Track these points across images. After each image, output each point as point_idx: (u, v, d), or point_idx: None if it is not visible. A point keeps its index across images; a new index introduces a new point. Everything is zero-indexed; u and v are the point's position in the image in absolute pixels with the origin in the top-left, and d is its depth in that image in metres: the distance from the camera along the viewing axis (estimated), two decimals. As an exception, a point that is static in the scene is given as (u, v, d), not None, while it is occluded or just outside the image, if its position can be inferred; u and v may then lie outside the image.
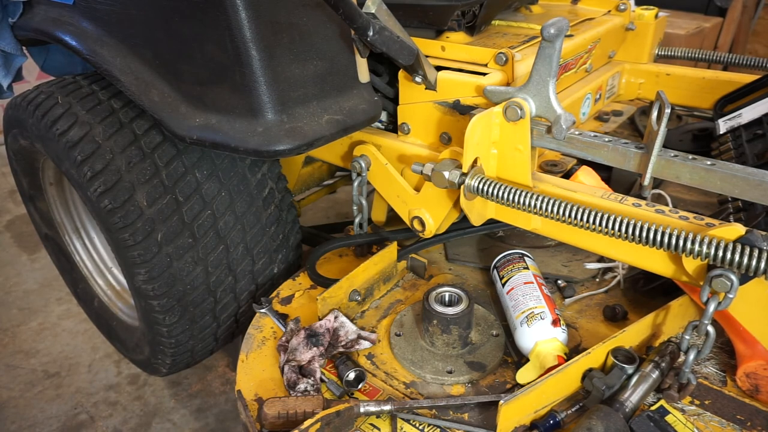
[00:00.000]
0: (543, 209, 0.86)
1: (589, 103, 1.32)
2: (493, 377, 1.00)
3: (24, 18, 1.30)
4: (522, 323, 1.01)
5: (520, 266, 1.12)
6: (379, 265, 1.17)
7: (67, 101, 1.22)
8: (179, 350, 1.34)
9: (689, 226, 0.82)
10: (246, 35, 0.89)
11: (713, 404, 0.90)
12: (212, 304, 1.29)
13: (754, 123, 1.23)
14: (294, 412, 0.88)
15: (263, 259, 1.32)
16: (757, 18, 3.26)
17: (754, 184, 0.78)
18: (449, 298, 1.06)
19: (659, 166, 0.86)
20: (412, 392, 0.97)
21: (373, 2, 0.93)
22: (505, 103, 0.93)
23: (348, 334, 1.06)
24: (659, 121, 0.83)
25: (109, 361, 2.04)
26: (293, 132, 0.95)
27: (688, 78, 1.43)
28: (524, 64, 1.07)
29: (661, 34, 1.54)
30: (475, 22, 1.19)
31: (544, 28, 0.84)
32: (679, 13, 2.94)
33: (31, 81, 2.93)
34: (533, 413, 0.89)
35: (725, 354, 0.99)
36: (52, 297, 2.34)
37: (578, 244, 0.95)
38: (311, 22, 0.97)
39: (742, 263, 0.73)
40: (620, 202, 0.89)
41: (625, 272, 1.19)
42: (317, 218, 2.68)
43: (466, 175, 0.93)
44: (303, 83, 0.98)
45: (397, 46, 0.96)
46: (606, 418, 0.81)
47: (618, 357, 0.91)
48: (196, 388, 1.94)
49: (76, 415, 1.85)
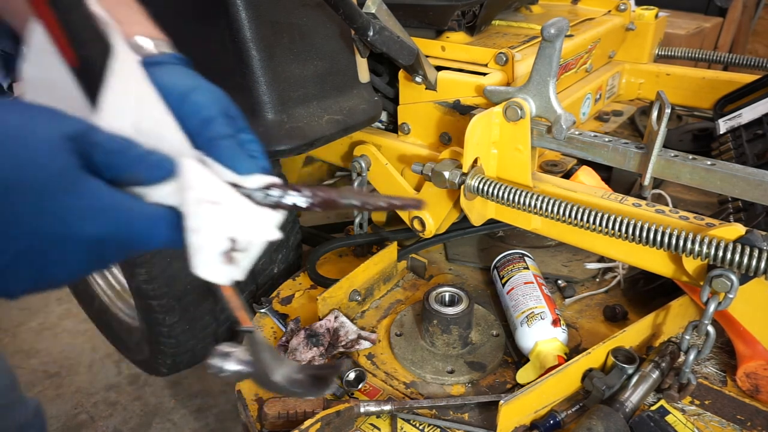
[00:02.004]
0: (543, 209, 0.86)
1: (589, 103, 1.32)
2: (493, 377, 1.00)
3: (24, 18, 1.29)
4: (522, 323, 1.01)
5: (520, 266, 1.12)
6: (379, 265, 1.17)
7: (67, 101, 1.23)
8: (179, 350, 1.34)
9: (689, 226, 0.81)
10: (246, 35, 0.89)
11: (713, 404, 0.90)
12: (212, 304, 1.29)
13: (754, 123, 1.23)
14: (294, 412, 0.88)
15: (263, 259, 1.32)
16: (757, 18, 3.26)
17: (755, 184, 0.78)
18: (449, 298, 1.06)
19: (659, 166, 0.86)
20: (412, 392, 0.97)
21: (373, 2, 0.93)
22: (505, 103, 0.93)
23: (348, 334, 1.06)
24: (659, 121, 0.83)
25: (109, 361, 2.04)
26: (293, 132, 0.95)
27: (688, 78, 1.43)
28: (524, 64, 1.07)
29: (661, 34, 1.54)
30: (475, 22, 1.19)
31: (544, 28, 0.84)
32: (679, 13, 2.94)
33: (31, 81, 2.92)
34: (533, 413, 0.89)
35: (725, 354, 0.99)
36: (52, 297, 2.35)
37: (578, 244, 0.95)
38: (311, 22, 0.97)
39: (742, 263, 0.73)
40: (620, 202, 0.89)
41: (625, 272, 1.19)
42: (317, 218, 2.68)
43: (466, 175, 0.93)
44: (303, 83, 0.98)
45: (397, 46, 0.96)
46: (606, 418, 0.81)
47: (618, 357, 0.91)
48: (196, 388, 1.94)
49: (76, 415, 1.86)
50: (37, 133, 0.39)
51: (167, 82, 0.50)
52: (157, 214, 0.45)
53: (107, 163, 0.42)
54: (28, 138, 0.38)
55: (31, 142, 0.38)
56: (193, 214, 0.46)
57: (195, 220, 0.46)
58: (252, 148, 0.52)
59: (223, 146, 0.49)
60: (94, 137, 0.41)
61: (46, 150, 0.39)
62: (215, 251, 0.47)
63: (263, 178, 0.49)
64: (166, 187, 0.45)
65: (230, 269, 0.48)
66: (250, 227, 0.48)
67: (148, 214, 0.44)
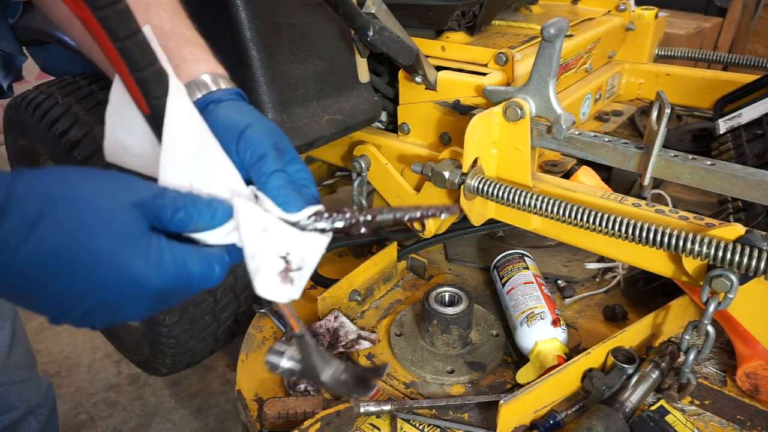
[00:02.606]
0: (543, 209, 0.86)
1: (589, 103, 1.32)
2: (493, 377, 1.00)
3: (24, 18, 1.29)
4: (522, 323, 1.01)
5: (520, 266, 1.12)
6: (379, 265, 1.17)
7: (66, 101, 1.23)
8: (179, 350, 1.34)
9: (689, 226, 0.82)
10: (246, 35, 0.89)
11: (713, 404, 0.90)
12: (212, 304, 1.29)
13: (754, 123, 1.23)
14: (294, 412, 0.88)
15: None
16: (757, 18, 3.26)
17: (754, 184, 0.78)
18: (449, 298, 1.06)
19: (659, 166, 0.86)
20: (412, 392, 0.97)
21: (373, 2, 0.93)
22: (505, 103, 0.93)
23: (348, 334, 1.06)
24: (659, 121, 0.83)
25: (109, 361, 2.05)
26: (293, 132, 0.95)
27: (688, 78, 1.43)
28: (524, 64, 1.07)
29: (661, 34, 1.54)
30: (475, 22, 1.19)
31: (544, 28, 0.84)
32: (678, 13, 2.94)
33: (31, 81, 2.93)
34: (533, 413, 0.89)
35: (725, 354, 0.99)
36: (52, 297, 2.34)
37: (578, 244, 0.95)
38: (311, 22, 0.97)
39: (742, 263, 0.73)
40: (620, 202, 0.89)
41: (625, 272, 1.19)
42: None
43: (466, 175, 0.93)
44: (303, 83, 0.98)
45: (397, 46, 0.96)
46: (606, 418, 0.81)
47: (618, 357, 0.91)
48: (196, 388, 1.94)
49: (76, 415, 1.86)
50: (110, 203, 0.46)
51: (225, 120, 0.57)
52: (212, 258, 0.51)
53: (171, 221, 0.49)
54: (103, 207, 0.45)
55: (105, 210, 0.45)
56: (248, 242, 0.52)
57: (250, 247, 0.52)
58: (300, 177, 0.58)
59: (273, 182, 0.55)
60: (158, 201, 0.48)
61: (116, 218, 0.45)
62: (272, 272, 0.53)
63: (309, 210, 0.55)
64: (225, 228, 0.52)
65: (288, 288, 0.55)
66: (299, 247, 0.54)
67: (205, 260, 0.51)
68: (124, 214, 0.46)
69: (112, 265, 0.45)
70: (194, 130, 0.54)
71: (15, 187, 0.42)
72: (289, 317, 0.60)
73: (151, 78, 0.50)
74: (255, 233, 0.52)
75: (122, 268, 0.45)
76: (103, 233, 0.45)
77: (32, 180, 0.44)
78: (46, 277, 0.43)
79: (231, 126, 0.57)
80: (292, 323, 0.61)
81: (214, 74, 0.62)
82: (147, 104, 0.51)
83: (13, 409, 1.00)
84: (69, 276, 0.44)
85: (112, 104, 0.55)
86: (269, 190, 0.55)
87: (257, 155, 0.56)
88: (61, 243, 0.43)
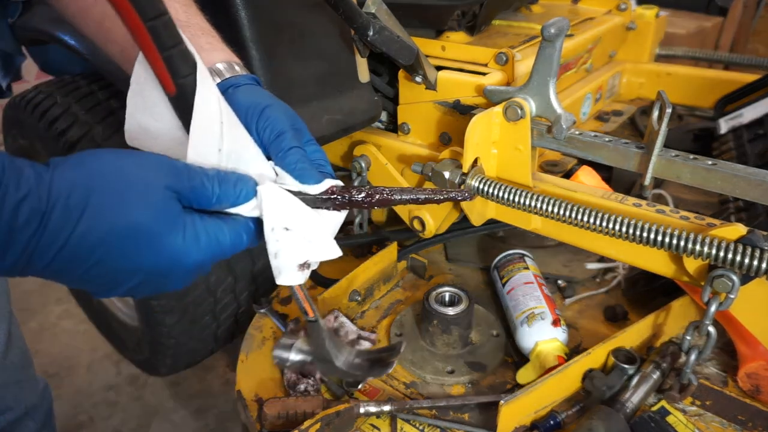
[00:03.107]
0: (543, 209, 0.86)
1: (589, 103, 1.32)
2: (494, 377, 1.00)
3: (24, 18, 1.29)
4: (522, 323, 1.00)
5: (520, 266, 1.12)
6: (379, 265, 1.17)
7: (66, 101, 1.22)
8: (179, 350, 1.34)
9: (690, 226, 0.81)
10: (246, 35, 0.89)
11: (714, 405, 0.90)
12: (212, 304, 1.29)
13: (755, 123, 1.23)
14: (294, 412, 0.88)
15: (263, 259, 1.32)
16: (758, 17, 3.25)
17: (756, 183, 0.78)
18: (449, 298, 1.05)
19: (660, 166, 0.85)
20: (412, 392, 0.97)
21: (373, 2, 0.93)
22: (505, 103, 0.92)
23: (348, 334, 1.06)
24: (660, 121, 0.83)
25: (108, 362, 2.04)
26: (293, 132, 0.95)
27: (688, 77, 1.43)
28: (524, 64, 1.07)
29: (662, 33, 1.54)
30: (475, 22, 1.19)
31: (544, 27, 0.84)
32: (679, 12, 2.94)
33: (31, 81, 2.92)
34: (533, 413, 0.89)
35: (726, 354, 0.99)
36: (51, 297, 2.34)
37: (578, 244, 0.94)
38: (311, 22, 0.97)
39: (744, 263, 0.72)
40: (621, 202, 0.89)
41: (625, 272, 1.19)
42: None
43: (466, 175, 0.93)
44: (303, 83, 0.98)
45: (397, 46, 0.96)
46: (607, 418, 0.81)
47: (619, 357, 0.91)
48: (196, 389, 1.93)
49: (76, 415, 1.85)
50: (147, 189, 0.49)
51: (245, 101, 0.61)
52: (240, 228, 0.55)
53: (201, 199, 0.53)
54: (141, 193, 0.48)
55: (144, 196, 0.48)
56: (271, 240, 0.56)
57: (273, 245, 0.56)
58: (316, 156, 0.63)
59: (291, 156, 0.59)
60: (188, 183, 0.51)
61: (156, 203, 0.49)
62: (293, 266, 0.57)
63: (325, 184, 0.59)
64: (249, 205, 0.56)
65: (304, 274, 0.58)
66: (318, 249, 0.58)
67: (234, 231, 0.55)
68: (162, 198, 0.49)
69: (156, 247, 0.49)
70: (222, 108, 0.56)
71: (55, 181, 0.45)
72: (303, 301, 0.62)
73: (177, 57, 0.52)
74: (277, 231, 0.55)
75: (165, 248, 0.49)
76: (146, 218, 0.48)
77: (70, 171, 0.46)
78: (93, 261, 0.47)
79: (251, 106, 0.60)
80: (306, 307, 0.63)
81: (230, 62, 0.65)
82: (174, 83, 0.52)
83: (9, 410, 0.99)
84: (117, 260, 0.48)
85: (133, 88, 0.57)
86: (287, 164, 0.59)
87: (276, 132, 0.59)
88: (107, 230, 0.46)
